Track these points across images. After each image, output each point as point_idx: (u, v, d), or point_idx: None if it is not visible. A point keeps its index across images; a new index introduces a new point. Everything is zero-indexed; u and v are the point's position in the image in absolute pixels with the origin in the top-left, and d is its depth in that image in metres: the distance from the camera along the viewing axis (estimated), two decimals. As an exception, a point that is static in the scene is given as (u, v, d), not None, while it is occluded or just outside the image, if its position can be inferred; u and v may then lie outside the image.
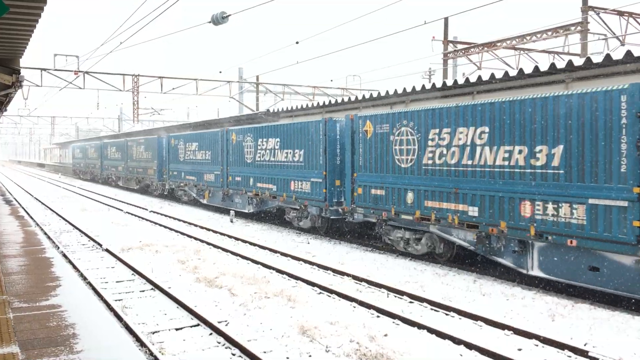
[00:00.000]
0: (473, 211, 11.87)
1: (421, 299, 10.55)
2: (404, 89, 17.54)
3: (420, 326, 8.91)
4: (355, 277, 12.43)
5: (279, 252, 15.66)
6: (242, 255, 15.07)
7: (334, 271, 13.17)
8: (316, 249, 16.42)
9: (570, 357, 7.64)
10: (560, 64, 13.13)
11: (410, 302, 10.60)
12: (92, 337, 7.00)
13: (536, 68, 13.47)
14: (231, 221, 22.84)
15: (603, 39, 21.36)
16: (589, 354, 7.53)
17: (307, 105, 23.95)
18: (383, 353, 7.46)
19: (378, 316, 9.65)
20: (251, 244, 17.21)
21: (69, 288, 9.67)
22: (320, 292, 11.31)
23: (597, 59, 12.39)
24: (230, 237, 18.60)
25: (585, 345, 7.91)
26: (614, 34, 18.57)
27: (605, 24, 18.42)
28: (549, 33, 19.79)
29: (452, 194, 12.27)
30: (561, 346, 7.90)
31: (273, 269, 13.42)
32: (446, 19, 23.83)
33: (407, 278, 12.42)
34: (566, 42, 21.62)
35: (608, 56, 11.96)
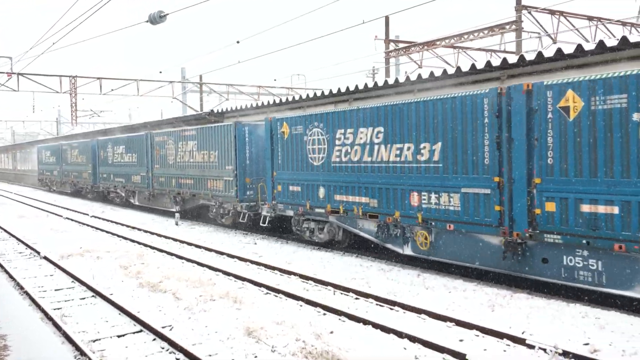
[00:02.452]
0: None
1: (367, 295, 10.67)
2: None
3: (366, 322, 9.01)
4: (302, 276, 12.45)
5: (225, 253, 15.51)
6: (187, 258, 14.84)
7: (281, 271, 13.15)
8: (263, 249, 16.35)
9: (508, 345, 7.89)
10: (496, 61, 13.52)
11: (357, 298, 10.70)
12: (27, 348, 6.74)
13: (473, 66, 13.83)
14: (176, 224, 22.45)
15: (537, 37, 22.15)
16: (526, 341, 7.80)
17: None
18: (328, 350, 7.50)
19: (324, 314, 9.70)
20: (197, 246, 16.98)
21: (3, 298, 9.28)
22: (267, 293, 11.27)
23: (530, 56, 12.82)
24: (175, 240, 18.28)
25: (522, 333, 8.18)
26: (547, 32, 19.30)
27: (538, 22, 19.11)
28: (486, 32, 20.37)
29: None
30: (500, 335, 8.14)
31: (219, 270, 13.28)
32: (387, 18, 24.14)
33: (354, 275, 12.53)
34: (502, 40, 22.31)
35: (540, 54, 12.40)
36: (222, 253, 15.64)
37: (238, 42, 17.61)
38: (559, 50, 12.03)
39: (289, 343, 7.93)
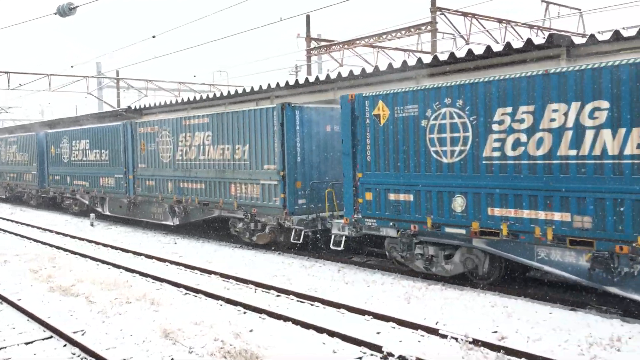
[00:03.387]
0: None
1: (288, 292, 10.71)
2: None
3: (286, 319, 9.05)
4: (223, 275, 12.33)
5: (143, 254, 15.09)
6: (102, 260, 14.33)
7: (202, 270, 12.96)
8: (183, 248, 16.04)
9: (423, 336, 8.16)
10: (412, 61, 13.92)
11: (278, 295, 10.72)
12: None
13: (389, 65, 14.16)
14: (92, 225, 21.61)
15: (452, 39, 22.99)
16: (439, 331, 8.10)
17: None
18: (247, 349, 7.48)
19: (245, 312, 9.66)
20: (113, 247, 16.42)
21: None
22: (186, 293, 11.08)
23: (444, 57, 13.28)
24: (90, 241, 17.59)
25: (436, 324, 8.49)
26: (460, 33, 20.10)
27: (452, 24, 19.86)
28: (403, 32, 20.92)
29: None
30: (415, 326, 8.41)
31: (136, 272, 12.91)
32: (308, 17, 24.31)
33: (275, 272, 12.54)
34: (419, 40, 22.98)
35: (452, 54, 12.88)
36: (140, 254, 15.20)
37: (154, 36, 17.17)
38: (470, 52, 12.52)
39: (207, 343, 7.83)
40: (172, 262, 13.98)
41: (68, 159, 24.47)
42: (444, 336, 8.00)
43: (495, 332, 8.09)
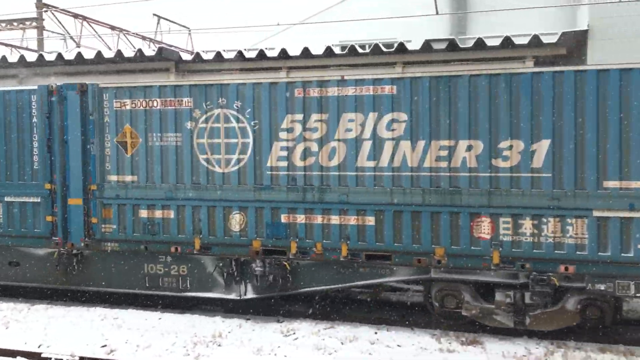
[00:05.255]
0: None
1: None
2: None
3: None
4: None
5: None
6: None
7: None
8: None
9: (23, 363, 7.39)
10: (15, 57, 12.64)
11: None
12: None
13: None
14: None
15: (62, 39, 21.62)
16: (42, 355, 7.48)
17: None
18: None
19: None
20: None
21: None
22: None
23: (50, 56, 12.42)
24: None
25: (39, 347, 7.81)
26: (70, 34, 19.05)
27: (60, 23, 18.66)
28: (4, 25, 18.71)
29: None
30: (14, 354, 7.56)
31: None
32: None
33: None
34: (24, 36, 20.92)
35: (60, 55, 12.16)
36: None
37: None
38: (79, 54, 12.01)
39: None
40: None
41: None
42: (47, 359, 7.38)
43: (105, 345, 7.89)
